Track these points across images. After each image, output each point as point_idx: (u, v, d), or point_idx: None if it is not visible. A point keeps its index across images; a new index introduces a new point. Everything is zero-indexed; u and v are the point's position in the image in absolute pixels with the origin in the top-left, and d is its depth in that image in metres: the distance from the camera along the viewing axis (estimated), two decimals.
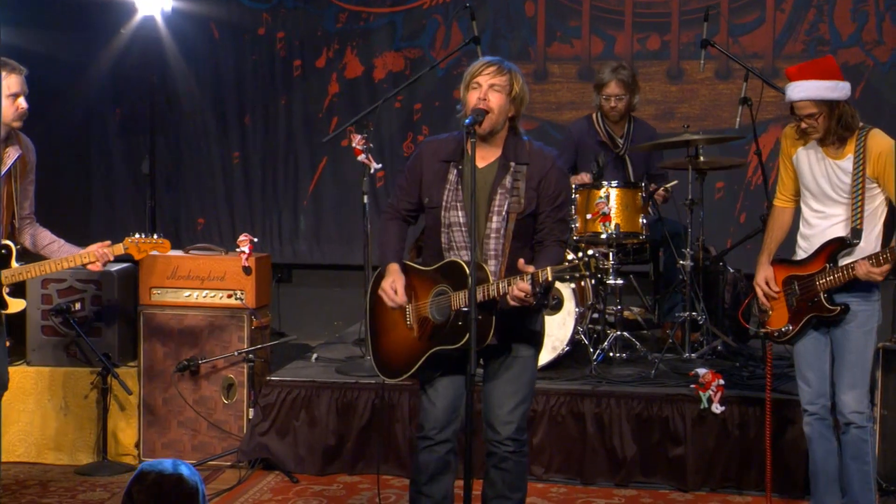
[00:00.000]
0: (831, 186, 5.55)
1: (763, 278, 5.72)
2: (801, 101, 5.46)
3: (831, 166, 5.54)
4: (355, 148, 7.08)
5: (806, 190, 5.66)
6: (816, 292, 5.56)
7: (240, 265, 7.12)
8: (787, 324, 5.65)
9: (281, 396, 7.01)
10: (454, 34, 9.75)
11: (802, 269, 5.63)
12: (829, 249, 5.55)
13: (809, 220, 5.67)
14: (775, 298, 5.69)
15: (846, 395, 5.59)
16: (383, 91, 9.83)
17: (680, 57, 9.44)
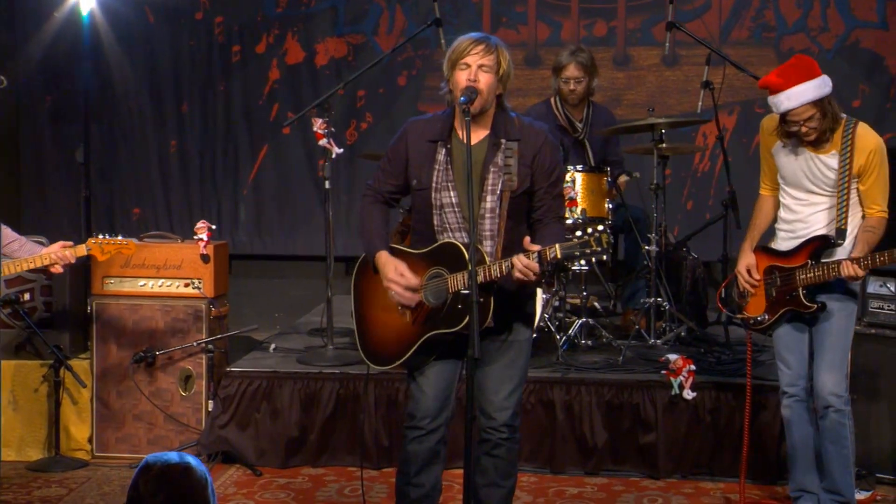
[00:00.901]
0: (811, 179, 5.50)
1: (745, 266, 5.67)
2: (798, 107, 5.37)
3: (812, 159, 5.49)
4: (317, 132, 6.90)
5: (784, 179, 5.62)
6: (796, 287, 5.52)
7: (197, 253, 6.91)
8: (763, 313, 5.61)
9: (241, 388, 6.81)
10: (398, 19, 9.63)
11: (785, 260, 5.58)
12: (812, 246, 5.52)
13: (791, 206, 5.62)
14: (756, 287, 5.62)
15: (825, 377, 5.55)
16: (325, 77, 9.69)
17: (627, 43, 9.41)
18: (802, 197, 5.57)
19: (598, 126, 7.69)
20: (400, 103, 9.62)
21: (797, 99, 5.34)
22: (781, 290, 5.57)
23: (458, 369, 5.16)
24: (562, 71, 7.54)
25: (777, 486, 6.41)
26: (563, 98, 7.61)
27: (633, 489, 6.45)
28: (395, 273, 4.95)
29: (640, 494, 6.36)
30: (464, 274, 4.84)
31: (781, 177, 5.61)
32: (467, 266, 4.83)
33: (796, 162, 5.53)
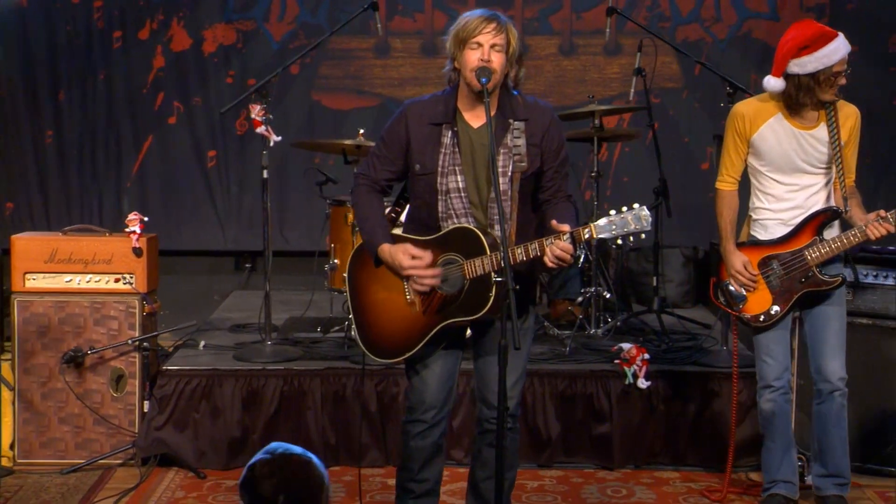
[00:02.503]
0: (804, 159, 5.48)
1: (741, 263, 5.56)
2: (846, 55, 5.38)
3: (803, 137, 5.47)
4: (254, 119, 6.66)
5: (769, 165, 5.54)
6: (808, 267, 5.49)
7: (128, 247, 6.59)
8: (772, 305, 5.53)
9: (179, 387, 6.51)
10: (289, 5, 9.37)
11: (781, 246, 5.53)
12: (816, 221, 5.49)
13: (779, 194, 5.55)
14: (755, 283, 5.57)
15: (834, 362, 5.56)
16: (213, 65, 9.39)
17: (524, 32, 9.30)
18: (792, 182, 5.53)
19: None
20: (293, 92, 9.36)
21: (847, 45, 5.40)
22: (789, 277, 5.52)
23: (459, 360, 5.02)
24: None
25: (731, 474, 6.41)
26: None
27: (592, 480, 6.38)
28: (408, 259, 4.76)
29: (602, 486, 6.30)
30: (482, 259, 4.69)
31: (767, 161, 5.54)
32: (484, 251, 4.69)
33: (787, 143, 5.49)
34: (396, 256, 4.78)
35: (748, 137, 5.54)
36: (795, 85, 5.38)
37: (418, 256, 4.76)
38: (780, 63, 5.42)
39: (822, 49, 5.33)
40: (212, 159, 9.43)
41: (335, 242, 7.25)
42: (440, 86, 9.20)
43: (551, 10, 9.27)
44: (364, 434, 6.49)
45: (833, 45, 5.34)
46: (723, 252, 5.60)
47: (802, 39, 5.35)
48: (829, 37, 5.36)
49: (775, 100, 5.50)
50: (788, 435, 5.68)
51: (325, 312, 7.70)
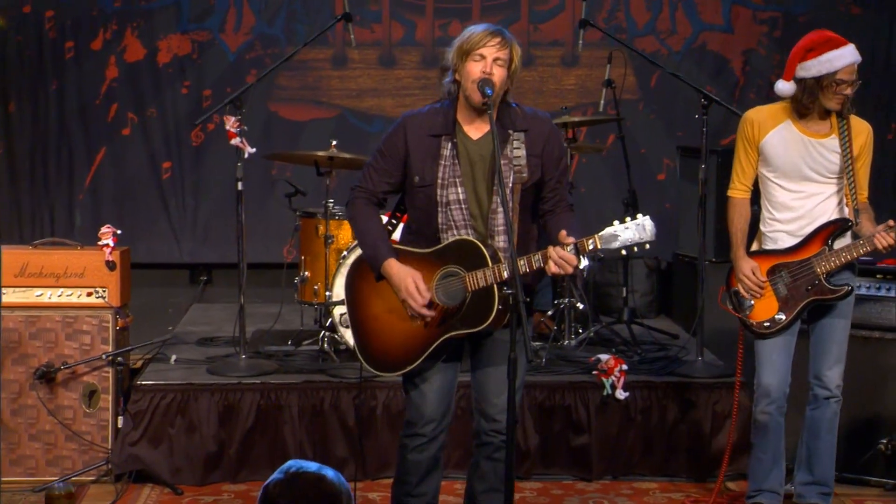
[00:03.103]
0: (811, 166, 5.51)
1: (749, 268, 5.57)
2: (855, 64, 5.41)
3: (812, 145, 5.50)
4: (229, 131, 6.59)
5: (776, 172, 5.56)
6: (816, 276, 5.52)
7: (101, 260, 6.49)
8: (779, 312, 5.56)
9: (154, 402, 6.43)
10: (246, 16, 9.29)
11: (791, 255, 5.55)
12: (826, 232, 5.52)
13: (787, 202, 5.58)
14: (762, 289, 5.60)
15: (832, 371, 5.62)
16: (168, 76, 9.28)
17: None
18: (799, 189, 5.55)
19: None
20: (249, 103, 9.21)
21: (856, 54, 5.42)
22: (796, 285, 5.55)
23: (457, 372, 5.00)
24: None
25: (709, 483, 6.45)
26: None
27: (572, 492, 6.39)
28: (414, 289, 4.72)
29: (583, 497, 6.31)
30: (484, 272, 4.67)
31: (774, 167, 5.57)
32: (486, 263, 4.67)
33: (795, 150, 5.52)
34: (403, 281, 4.73)
35: (758, 143, 5.58)
36: (801, 89, 5.44)
37: (422, 292, 4.72)
38: (790, 67, 5.48)
39: (826, 53, 5.38)
40: (167, 171, 9.32)
41: (305, 255, 7.20)
42: (396, 97, 9.26)
43: (509, 22, 9.27)
44: (341, 448, 6.45)
45: (838, 52, 5.38)
46: (733, 258, 5.64)
47: (809, 43, 5.43)
48: (835, 43, 5.41)
49: (786, 107, 5.54)
50: (780, 447, 5.71)
51: (291, 325, 7.63)
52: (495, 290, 4.68)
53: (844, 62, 5.39)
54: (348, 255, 6.79)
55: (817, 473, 5.78)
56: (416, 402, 4.92)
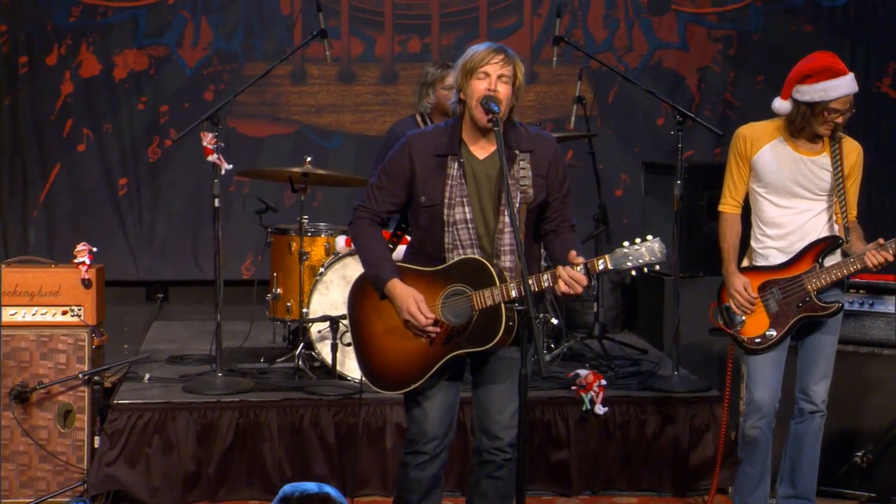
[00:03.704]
0: (801, 184, 5.55)
1: (741, 284, 5.61)
2: (850, 94, 5.44)
3: (804, 162, 5.55)
4: (206, 147, 6.53)
5: (767, 188, 5.61)
6: (807, 292, 5.57)
7: (76, 278, 6.42)
8: (770, 328, 5.60)
9: (131, 421, 6.35)
10: (204, 31, 9.23)
11: (782, 272, 5.60)
12: (817, 249, 5.57)
13: (778, 219, 5.62)
14: (753, 305, 5.65)
15: (819, 386, 5.67)
16: (125, 91, 9.20)
17: (441, 59, 9.31)
18: (790, 205, 5.60)
19: None
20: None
21: (855, 84, 5.45)
22: (787, 302, 5.60)
23: (459, 391, 4.99)
24: (445, 79, 7.34)
25: (689, 497, 6.51)
26: (445, 109, 7.40)
27: None
28: (416, 310, 4.72)
29: None
30: (492, 290, 4.68)
31: (765, 182, 5.61)
32: (493, 282, 4.68)
33: (786, 167, 5.56)
34: (406, 301, 4.72)
35: (750, 158, 5.62)
36: (795, 110, 5.49)
37: (426, 315, 4.72)
38: (787, 86, 5.53)
39: (823, 82, 5.40)
40: (123, 187, 9.22)
41: (277, 271, 7.16)
42: (356, 112, 9.24)
43: (467, 39, 9.31)
44: (321, 465, 6.42)
45: (835, 82, 5.41)
46: (724, 274, 5.67)
47: (809, 68, 5.45)
48: (834, 72, 5.42)
49: (779, 125, 5.60)
50: (768, 461, 5.76)
51: (259, 342, 7.58)
52: (502, 309, 4.69)
53: (840, 93, 5.42)
54: (325, 272, 6.75)
55: (800, 487, 5.84)
56: (419, 419, 4.91)
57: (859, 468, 6.40)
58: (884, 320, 6.44)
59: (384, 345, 4.86)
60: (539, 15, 9.42)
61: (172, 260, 9.29)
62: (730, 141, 5.76)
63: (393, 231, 5.15)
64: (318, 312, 6.71)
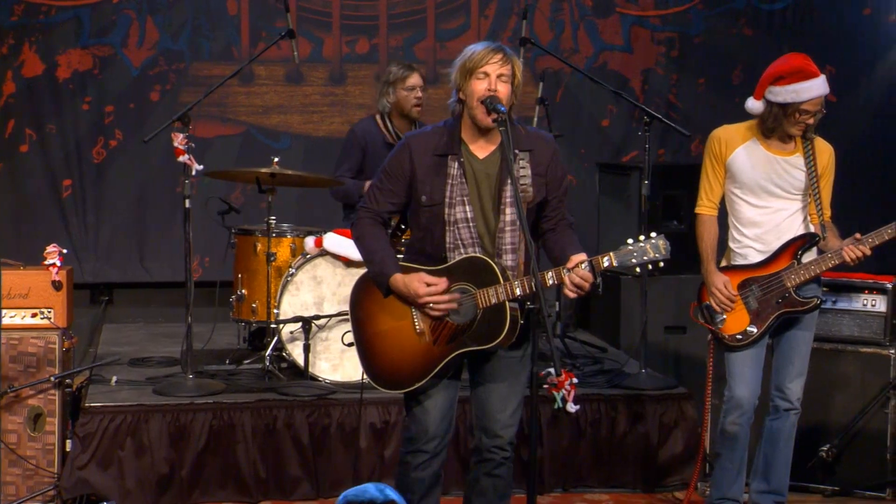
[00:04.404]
0: (776, 183, 5.66)
1: (721, 282, 5.70)
2: (822, 96, 5.55)
3: (778, 162, 5.65)
4: (177, 148, 6.48)
5: (742, 188, 5.70)
6: (786, 289, 5.67)
7: (46, 280, 6.33)
8: (750, 325, 5.69)
9: (103, 424, 6.27)
10: (149, 31, 9.14)
11: (760, 270, 5.69)
12: (794, 246, 5.67)
13: (754, 218, 5.71)
14: (734, 303, 5.73)
15: (794, 383, 5.78)
16: (68, 91, 9.08)
17: (389, 60, 9.33)
18: (765, 204, 5.70)
19: None
20: (154, 120, 9.11)
21: (826, 86, 5.54)
22: (766, 299, 5.69)
23: (458, 389, 5.01)
24: (405, 81, 7.36)
25: (658, 493, 6.59)
26: (406, 110, 7.42)
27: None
28: (424, 286, 4.74)
29: None
30: (496, 288, 4.71)
31: (740, 182, 5.70)
32: (498, 280, 4.71)
33: (761, 166, 5.66)
34: (412, 285, 4.74)
35: (725, 160, 5.71)
36: (768, 110, 5.59)
37: (433, 283, 4.74)
38: (760, 87, 5.62)
39: (795, 84, 5.51)
40: (67, 188, 9.10)
41: (242, 273, 7.12)
42: (305, 113, 9.24)
43: (415, 40, 9.34)
44: (295, 467, 6.40)
45: (807, 84, 5.51)
46: (704, 273, 5.74)
47: (781, 70, 5.55)
48: (806, 74, 5.52)
49: (751, 126, 5.70)
50: (745, 457, 5.85)
51: (217, 344, 7.51)
52: (507, 307, 4.72)
53: (811, 95, 5.53)
54: (296, 273, 6.73)
55: (773, 482, 5.94)
56: (420, 418, 4.92)
57: (824, 462, 6.52)
58: (848, 317, 6.57)
59: (388, 344, 4.87)
60: (486, 16, 9.47)
61: (118, 262, 9.19)
62: (683, 143, 5.84)
63: (391, 232, 5.15)
64: (289, 313, 6.69)
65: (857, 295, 6.57)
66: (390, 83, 7.40)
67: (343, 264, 6.73)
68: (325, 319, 6.67)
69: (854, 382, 6.56)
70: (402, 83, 7.36)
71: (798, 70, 5.54)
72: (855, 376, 6.57)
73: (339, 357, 6.72)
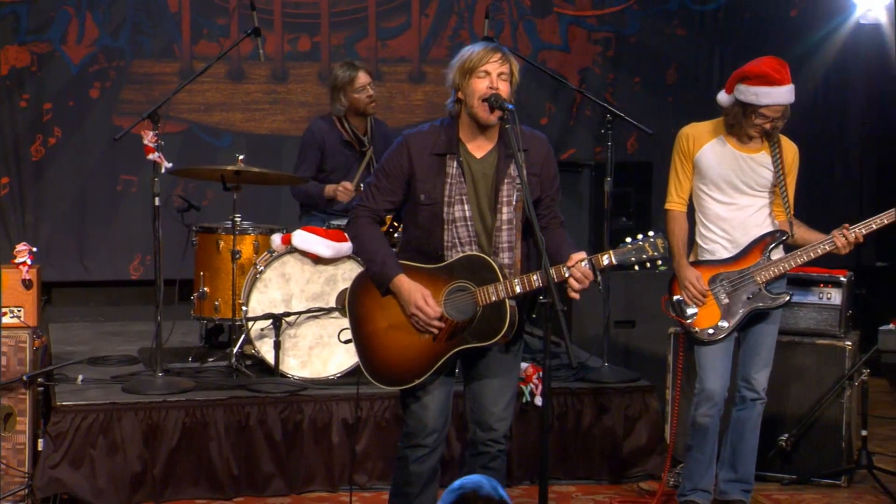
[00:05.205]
0: (742, 179, 5.82)
1: (694, 277, 5.84)
2: (782, 105, 5.68)
3: (744, 159, 5.82)
4: (146, 146, 6.44)
5: (709, 185, 5.86)
6: (757, 285, 5.82)
7: (16, 279, 6.29)
8: (721, 320, 5.83)
9: (75, 423, 6.23)
10: (88, 28, 9.06)
11: (730, 266, 5.85)
12: (764, 243, 5.84)
13: (720, 212, 5.87)
14: (705, 297, 5.86)
15: (760, 375, 5.95)
16: (6, 88, 8.96)
17: (331, 59, 9.39)
18: (731, 201, 5.85)
19: (381, 138, 7.64)
20: (93, 117, 9.05)
21: (790, 96, 5.69)
22: (736, 294, 5.83)
23: (453, 385, 5.08)
24: (354, 82, 7.38)
25: (625, 484, 6.72)
26: (361, 110, 7.46)
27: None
28: (424, 304, 4.81)
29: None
30: (496, 286, 4.80)
31: (707, 179, 5.85)
32: (497, 278, 4.80)
33: (727, 163, 5.82)
34: (413, 295, 4.81)
35: (693, 156, 5.86)
36: (731, 106, 5.77)
37: (431, 307, 4.81)
38: (731, 82, 5.79)
39: (757, 87, 5.66)
40: (5, 186, 8.99)
41: (204, 270, 7.10)
42: (247, 111, 9.24)
43: (357, 38, 9.39)
44: (267, 463, 6.41)
45: (767, 90, 5.66)
46: (676, 268, 5.88)
47: (750, 70, 5.71)
48: (770, 80, 5.66)
49: (718, 123, 5.87)
50: (715, 448, 6.01)
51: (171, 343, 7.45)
52: (507, 305, 4.80)
53: (769, 101, 5.68)
54: (264, 270, 6.73)
55: (741, 471, 6.11)
56: (419, 413, 4.98)
57: (783, 451, 6.69)
58: (804, 310, 6.76)
59: (387, 341, 4.93)
60: (426, 15, 9.54)
61: (56, 261, 9.08)
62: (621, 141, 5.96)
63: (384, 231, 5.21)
64: (258, 310, 6.69)
65: (813, 288, 6.75)
66: (339, 88, 7.43)
67: (311, 261, 6.75)
68: (295, 316, 6.67)
69: (811, 373, 6.75)
70: (350, 86, 7.40)
71: (763, 75, 5.68)
72: (811, 368, 6.75)
73: (307, 354, 6.75)
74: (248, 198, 8.75)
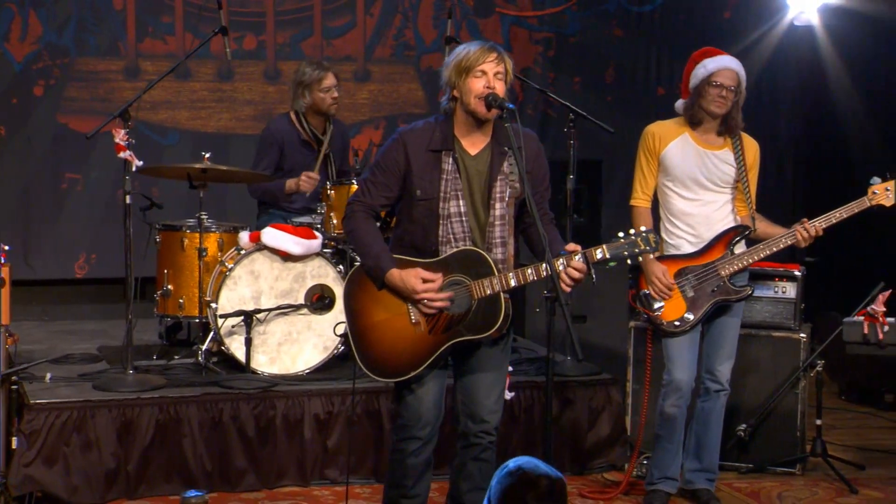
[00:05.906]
0: (706, 176, 6.02)
1: (660, 270, 6.01)
2: (732, 70, 5.90)
3: (707, 156, 6.02)
4: (118, 144, 6.43)
5: (674, 181, 6.05)
6: (721, 278, 6.00)
7: None
8: (687, 312, 6.00)
9: (49, 421, 6.22)
10: (32, 25, 9.00)
11: (695, 259, 6.04)
12: (728, 237, 6.03)
13: (685, 208, 6.07)
14: (671, 290, 6.01)
15: (724, 366, 6.15)
16: None
17: (277, 57, 9.43)
18: (695, 197, 6.05)
19: (339, 137, 7.72)
20: (37, 115, 8.99)
21: (733, 62, 5.94)
22: (701, 287, 6.00)
23: (446, 377, 5.17)
24: (321, 82, 7.45)
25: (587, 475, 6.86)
26: (323, 109, 7.51)
27: None
28: (420, 283, 4.90)
29: None
30: (491, 280, 4.90)
31: (672, 175, 6.04)
32: (492, 272, 4.90)
33: (691, 159, 6.02)
34: (409, 281, 4.89)
35: (658, 154, 6.04)
36: (690, 98, 6.00)
37: (430, 280, 4.90)
38: (685, 84, 6.03)
39: (705, 60, 5.97)
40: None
41: (168, 268, 7.11)
42: (193, 109, 9.24)
43: (302, 37, 9.43)
44: (240, 459, 6.45)
45: (715, 59, 5.98)
46: (642, 263, 6.02)
47: (691, 58, 6.04)
48: (712, 52, 6.01)
49: (682, 121, 6.07)
50: (682, 438, 6.18)
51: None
52: (501, 298, 4.91)
53: (716, 65, 5.95)
54: (234, 268, 6.76)
55: (705, 461, 6.29)
56: (413, 406, 5.07)
57: (741, 441, 6.88)
58: (760, 304, 6.95)
59: (383, 334, 5.01)
60: (371, 15, 9.61)
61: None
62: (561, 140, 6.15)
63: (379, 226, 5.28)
64: (227, 308, 6.72)
65: (769, 282, 6.94)
66: (305, 85, 7.48)
67: (280, 258, 6.79)
68: (265, 313, 6.71)
69: (767, 365, 6.95)
70: (317, 85, 7.47)
71: (705, 52, 6.04)
72: (768, 359, 6.96)
73: (276, 350, 6.80)
74: (204, 196, 8.79)
